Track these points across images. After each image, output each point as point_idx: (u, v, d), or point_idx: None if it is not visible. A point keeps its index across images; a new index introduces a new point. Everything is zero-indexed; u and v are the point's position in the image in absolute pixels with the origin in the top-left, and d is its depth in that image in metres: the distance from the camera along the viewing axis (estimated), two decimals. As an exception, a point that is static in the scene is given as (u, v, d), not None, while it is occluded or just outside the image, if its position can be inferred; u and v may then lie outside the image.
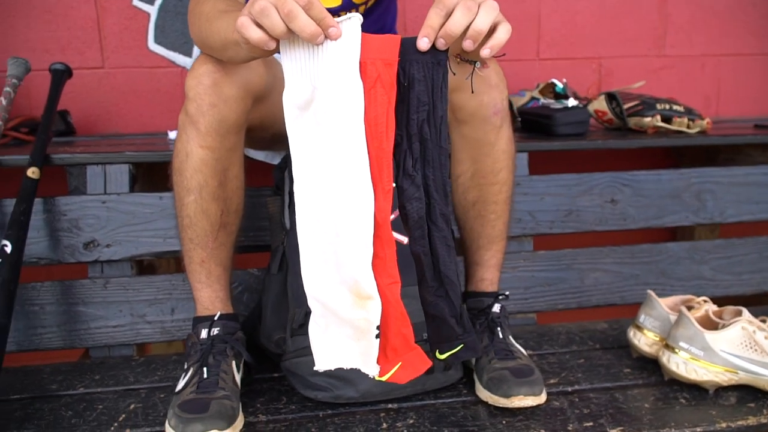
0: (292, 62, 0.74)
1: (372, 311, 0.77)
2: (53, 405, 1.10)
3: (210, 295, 1.08)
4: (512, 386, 1.01)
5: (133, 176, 1.35)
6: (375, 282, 0.76)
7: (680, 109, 1.57)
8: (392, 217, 0.76)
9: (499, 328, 1.13)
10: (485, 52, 0.74)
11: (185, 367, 1.06)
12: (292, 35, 0.71)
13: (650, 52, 1.96)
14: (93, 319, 1.30)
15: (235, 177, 1.06)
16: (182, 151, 1.02)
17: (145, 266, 1.41)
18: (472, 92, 0.97)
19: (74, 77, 1.54)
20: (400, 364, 0.81)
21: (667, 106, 1.56)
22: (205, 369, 1.02)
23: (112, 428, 1.02)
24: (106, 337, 1.31)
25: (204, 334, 1.06)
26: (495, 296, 1.18)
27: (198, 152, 1.00)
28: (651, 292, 1.21)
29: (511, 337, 1.14)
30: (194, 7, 0.99)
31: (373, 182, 0.74)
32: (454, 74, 0.98)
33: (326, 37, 0.71)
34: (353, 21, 0.72)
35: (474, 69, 0.89)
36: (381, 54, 0.73)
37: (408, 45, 0.74)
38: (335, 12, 1.21)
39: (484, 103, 1.07)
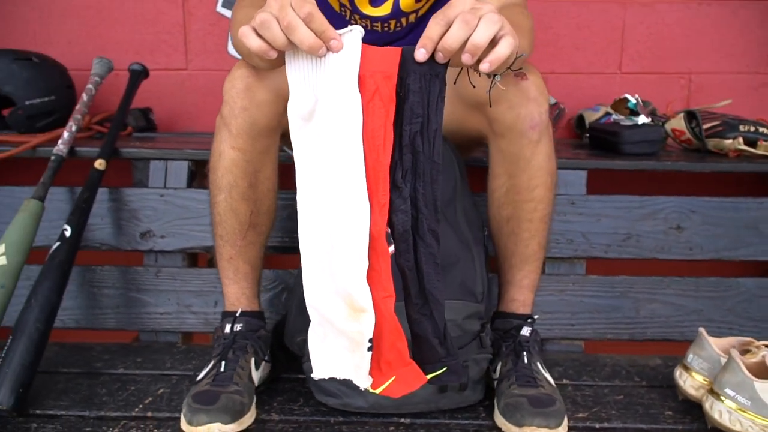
0: (295, 72, 0.74)
1: (365, 324, 0.76)
2: (92, 381, 1.18)
3: (236, 292, 1.12)
4: (526, 415, 0.96)
5: (192, 172, 1.42)
6: (370, 295, 0.75)
7: (767, 131, 1.42)
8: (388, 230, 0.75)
9: (525, 353, 1.08)
10: (484, 66, 0.71)
11: (210, 359, 1.09)
12: (295, 46, 0.72)
13: (750, 68, 1.80)
14: (144, 305, 1.38)
15: (267, 179, 1.08)
16: (216, 151, 1.06)
17: (197, 258, 1.47)
18: (490, 106, 0.93)
19: (160, 77, 1.64)
20: (393, 378, 0.80)
21: (752, 128, 1.42)
22: (223, 363, 1.05)
23: (137, 410, 1.08)
24: (154, 323, 1.38)
25: (227, 329, 1.10)
26: (525, 319, 1.12)
27: (229, 153, 1.04)
28: (702, 330, 1.10)
29: (539, 364, 1.09)
30: (233, 13, 1.03)
31: (369, 195, 0.73)
32: (474, 87, 0.96)
33: (328, 49, 0.71)
34: (354, 33, 0.72)
35: (493, 82, 0.85)
36: (380, 66, 0.72)
37: (408, 55, 0.72)
38: (384, 20, 1.20)
39: (521, 117, 1.03)
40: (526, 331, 1.11)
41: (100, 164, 1.33)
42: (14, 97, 1.52)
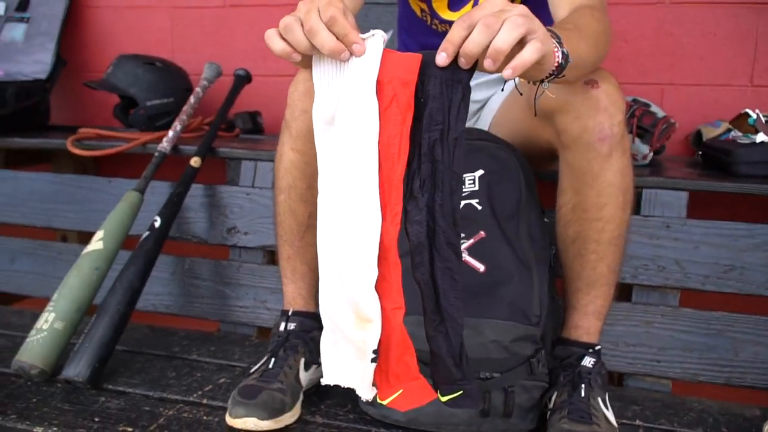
0: (320, 76, 0.74)
1: (370, 334, 0.74)
2: (165, 364, 1.26)
3: (293, 291, 1.14)
4: (569, 453, 0.88)
5: (278, 174, 1.47)
6: (378, 305, 0.73)
7: None
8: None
9: (583, 385, 0.99)
10: (507, 73, 0.66)
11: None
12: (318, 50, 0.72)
13: None
14: (226, 297, 1.45)
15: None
16: (278, 153, 1.09)
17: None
18: (535, 115, 0.87)
19: (270, 83, 1.72)
20: (401, 390, 0.77)
21: None
22: (272, 360, 1.08)
23: (195, 396, 1.13)
24: (233, 316, 1.45)
25: (282, 327, 1.12)
26: (587, 348, 1.03)
27: (289, 155, 1.06)
28: (801, 383, 0.95)
29: (599, 399, 0.99)
30: None
31: (381, 204, 0.71)
32: (521, 94, 0.90)
33: (351, 53, 0.70)
34: (376, 38, 0.70)
35: (539, 89, 0.80)
36: (399, 72, 0.70)
37: (429, 59, 0.69)
38: None
39: (588, 128, 0.95)
40: (588, 361, 1.02)
41: (195, 162, 1.42)
42: (138, 98, 1.67)
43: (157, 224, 1.31)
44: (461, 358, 0.73)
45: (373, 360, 0.74)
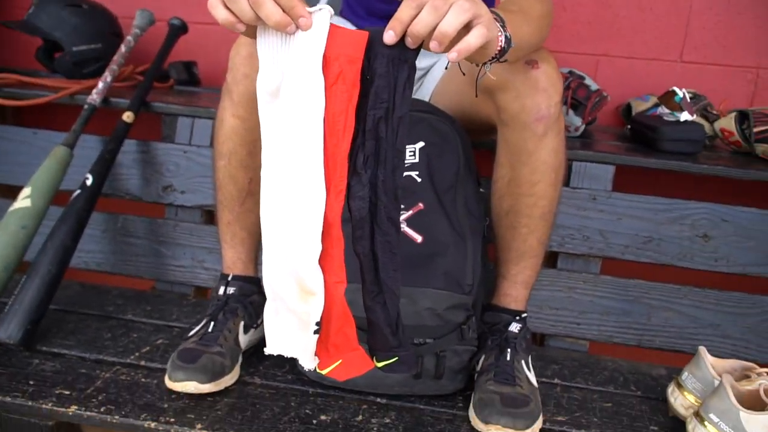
0: (265, 48, 0.73)
1: (313, 306, 0.76)
2: (101, 325, 1.25)
3: (232, 256, 1.14)
4: (494, 413, 0.95)
5: (217, 131, 1.44)
6: (321, 279, 0.76)
7: (824, 141, 1.30)
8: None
9: (509, 349, 1.06)
10: (452, 56, 0.68)
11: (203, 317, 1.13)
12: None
13: (827, 66, 1.64)
14: (162, 256, 1.44)
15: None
16: (218, 118, 1.07)
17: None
18: (476, 96, 0.89)
19: (206, 32, 1.65)
20: (340, 361, 0.80)
21: (807, 137, 1.30)
22: (212, 323, 1.09)
23: (132, 357, 1.14)
24: (170, 275, 1.44)
25: (221, 291, 1.13)
26: (515, 315, 1.10)
27: (230, 120, 1.05)
28: (702, 349, 1.05)
29: (524, 362, 1.06)
30: None
31: (326, 180, 0.73)
32: (464, 74, 0.92)
33: (297, 27, 0.70)
34: (323, 13, 0.70)
35: (481, 70, 0.82)
36: (346, 49, 0.70)
37: (376, 37, 0.70)
38: None
39: (526, 108, 0.98)
40: (515, 327, 1.08)
41: (128, 117, 1.37)
42: (62, 42, 1.58)
43: (88, 182, 1.27)
44: (397, 327, 0.77)
45: (315, 332, 0.77)
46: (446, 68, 1.12)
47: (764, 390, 0.95)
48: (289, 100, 0.72)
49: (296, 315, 0.79)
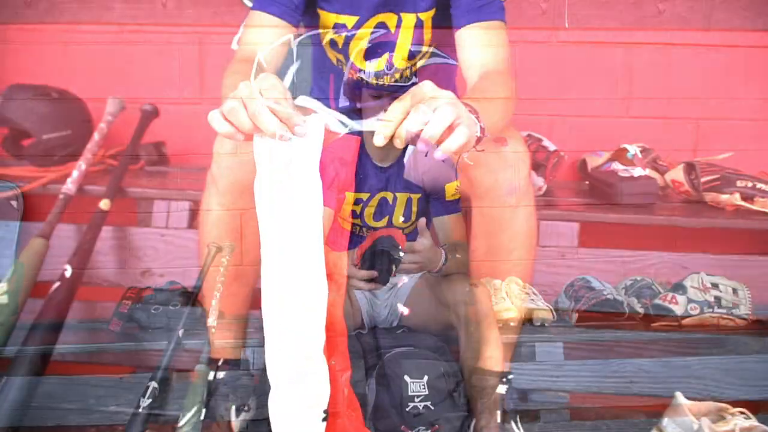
0: (262, 153, 0.77)
1: (321, 395, 0.79)
2: (83, 418, 1.22)
3: (220, 341, 1.15)
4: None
5: (193, 213, 1.46)
6: (326, 367, 0.78)
7: (766, 188, 1.41)
8: None
9: (499, 412, 1.09)
10: (437, 154, 0.73)
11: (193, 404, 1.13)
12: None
13: (759, 115, 1.77)
14: (140, 341, 1.43)
15: (253, 233, 1.11)
16: (204, 205, 1.10)
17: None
18: (456, 179, 0.96)
19: (172, 111, 1.69)
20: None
21: (750, 184, 1.41)
22: (204, 410, 1.09)
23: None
24: (150, 360, 1.42)
25: (211, 376, 1.13)
26: (500, 377, 1.13)
27: (216, 209, 1.08)
28: (679, 394, 1.10)
29: (513, 422, 1.10)
30: (224, 78, 1.07)
31: (327, 277, 0.76)
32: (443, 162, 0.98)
33: (293, 135, 0.74)
34: (317, 121, 0.75)
35: (460, 159, 0.88)
36: (340, 153, 0.75)
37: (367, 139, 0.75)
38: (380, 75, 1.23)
39: (499, 182, 1.05)
40: (501, 389, 1.12)
41: (105, 204, 1.38)
42: (32, 131, 1.59)
43: (67, 274, 1.27)
44: (401, 407, 0.79)
45: (324, 419, 0.79)
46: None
47: (740, 431, 1.01)
48: (289, 203, 0.76)
49: (305, 403, 0.81)
